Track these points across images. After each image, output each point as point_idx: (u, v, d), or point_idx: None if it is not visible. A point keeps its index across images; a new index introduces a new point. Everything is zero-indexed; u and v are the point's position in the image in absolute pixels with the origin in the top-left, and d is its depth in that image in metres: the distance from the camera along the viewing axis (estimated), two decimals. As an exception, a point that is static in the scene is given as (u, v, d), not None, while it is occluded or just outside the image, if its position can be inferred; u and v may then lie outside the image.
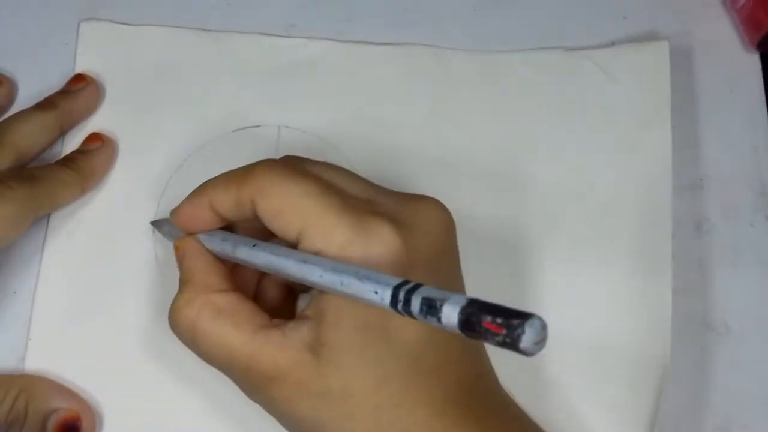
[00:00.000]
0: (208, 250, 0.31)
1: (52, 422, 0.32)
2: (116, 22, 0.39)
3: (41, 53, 0.39)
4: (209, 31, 0.39)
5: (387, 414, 0.26)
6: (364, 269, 0.25)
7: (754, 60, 0.40)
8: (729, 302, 0.37)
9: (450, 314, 0.21)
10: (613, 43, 0.40)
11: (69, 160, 0.36)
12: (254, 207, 0.28)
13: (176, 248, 0.31)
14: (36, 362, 0.34)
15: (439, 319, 0.21)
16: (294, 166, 0.29)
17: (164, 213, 0.36)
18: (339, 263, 0.26)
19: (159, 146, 0.37)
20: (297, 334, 0.27)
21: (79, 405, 0.33)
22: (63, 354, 0.34)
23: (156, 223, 0.35)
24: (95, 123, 0.38)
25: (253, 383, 0.28)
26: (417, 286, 0.23)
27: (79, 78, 0.37)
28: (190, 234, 0.31)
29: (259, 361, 0.27)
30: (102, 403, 0.34)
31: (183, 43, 0.39)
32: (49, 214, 0.36)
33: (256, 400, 0.29)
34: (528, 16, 0.40)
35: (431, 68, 0.39)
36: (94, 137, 0.37)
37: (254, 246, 0.29)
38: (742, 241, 0.38)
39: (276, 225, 0.28)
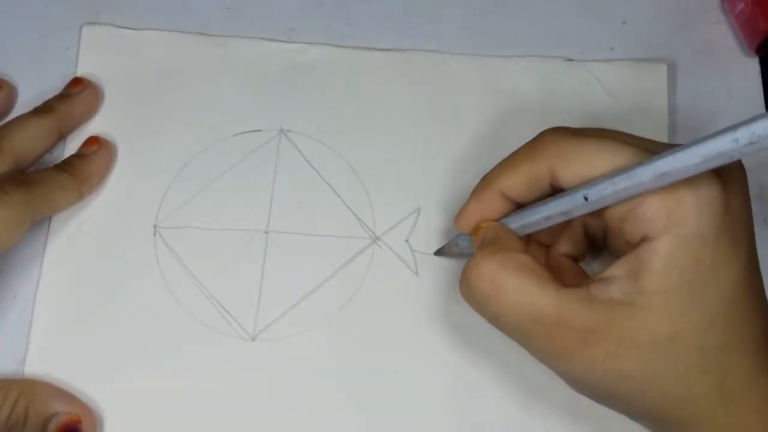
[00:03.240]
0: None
1: (53, 426, 0.32)
2: (118, 27, 0.39)
3: (42, 58, 0.39)
4: (210, 35, 0.39)
5: (710, 356, 0.26)
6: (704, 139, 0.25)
7: (753, 64, 0.40)
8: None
9: None
10: (612, 48, 0.40)
11: (66, 164, 0.36)
12: (553, 177, 0.29)
13: (479, 228, 0.31)
14: (36, 366, 0.34)
15: None
16: (571, 129, 0.29)
17: (166, 217, 0.36)
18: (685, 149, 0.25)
19: (160, 150, 0.37)
20: (606, 291, 0.27)
21: (79, 408, 0.33)
22: (63, 357, 0.34)
23: (441, 251, 0.36)
24: (97, 127, 0.38)
25: (562, 345, 0.27)
26: None
27: (77, 81, 0.37)
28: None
29: (570, 318, 0.27)
30: (102, 406, 0.34)
31: (184, 48, 0.39)
32: (50, 218, 0.36)
33: (557, 366, 0.28)
34: (528, 20, 0.40)
35: (432, 73, 0.39)
36: (92, 141, 0.37)
37: (586, 199, 0.28)
38: (741, 245, 0.38)
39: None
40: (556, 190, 0.29)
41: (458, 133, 0.38)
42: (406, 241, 0.36)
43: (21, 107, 0.37)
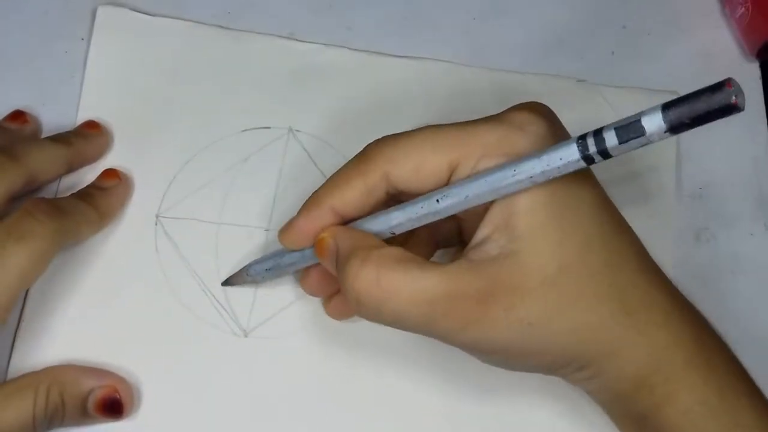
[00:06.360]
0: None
1: (92, 402, 0.32)
2: (134, 10, 0.39)
3: (42, 61, 0.39)
4: (228, 29, 0.39)
5: (602, 280, 0.27)
6: (536, 152, 0.25)
7: (754, 69, 0.40)
8: (728, 311, 0.36)
9: (653, 120, 0.22)
10: (612, 53, 0.40)
11: (88, 196, 0.35)
12: (388, 182, 0.29)
13: (322, 240, 0.30)
14: (31, 350, 0.34)
15: (642, 133, 0.22)
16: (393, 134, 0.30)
17: (169, 207, 0.36)
18: (511, 162, 0.26)
19: (168, 141, 0.37)
20: (484, 251, 0.27)
21: (112, 379, 0.32)
22: (57, 344, 0.34)
23: (229, 281, 0.35)
24: (107, 110, 0.37)
25: (462, 316, 0.26)
26: (599, 130, 0.23)
27: (92, 124, 0.37)
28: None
29: (460, 288, 0.26)
30: None
31: (200, 39, 0.39)
32: None
33: (466, 340, 0.27)
34: (527, 25, 0.40)
35: (444, 82, 0.39)
36: (111, 174, 0.36)
37: (436, 200, 0.28)
38: (741, 250, 0.37)
39: (421, 179, 0.28)
40: (392, 197, 0.29)
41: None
42: None
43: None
